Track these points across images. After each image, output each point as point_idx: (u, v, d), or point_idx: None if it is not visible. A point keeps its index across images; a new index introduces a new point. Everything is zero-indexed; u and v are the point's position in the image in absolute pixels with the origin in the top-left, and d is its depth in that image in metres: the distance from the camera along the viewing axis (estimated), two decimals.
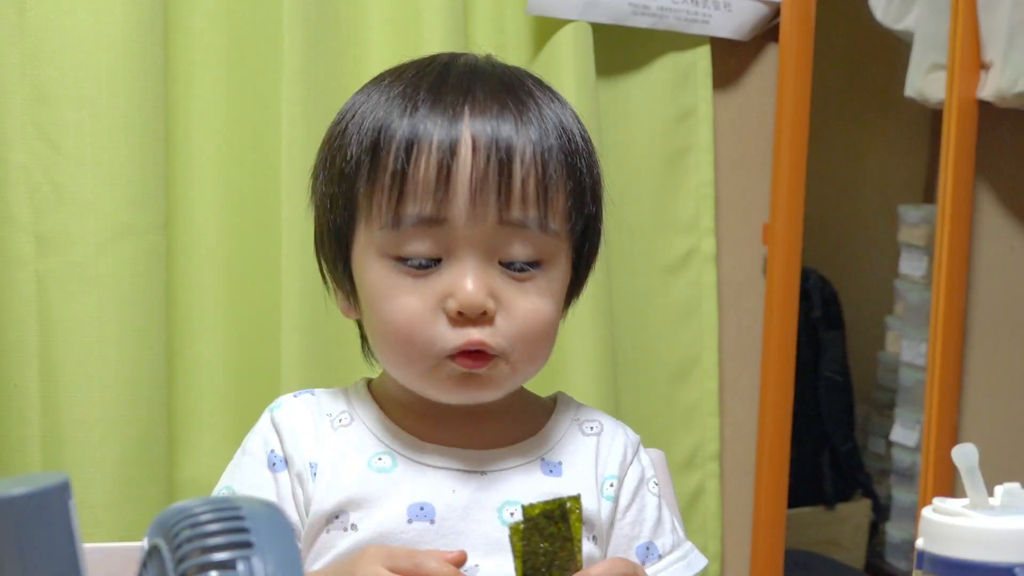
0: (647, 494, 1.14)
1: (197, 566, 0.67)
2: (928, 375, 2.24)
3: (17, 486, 0.69)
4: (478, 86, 1.07)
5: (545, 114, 1.08)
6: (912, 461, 2.79)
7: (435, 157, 1.03)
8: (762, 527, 2.23)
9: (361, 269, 1.08)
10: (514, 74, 1.12)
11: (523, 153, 1.05)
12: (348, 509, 1.07)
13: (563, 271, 1.10)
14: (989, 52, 2.16)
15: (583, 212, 1.10)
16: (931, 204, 2.76)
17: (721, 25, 2.15)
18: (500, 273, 1.05)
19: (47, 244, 1.75)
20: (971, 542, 0.85)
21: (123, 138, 1.76)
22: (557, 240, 1.08)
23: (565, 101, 1.13)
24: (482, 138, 1.04)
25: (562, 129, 1.08)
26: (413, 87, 1.07)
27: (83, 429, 1.75)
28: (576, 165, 1.09)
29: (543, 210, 1.05)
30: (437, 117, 1.04)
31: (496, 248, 1.05)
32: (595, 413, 1.18)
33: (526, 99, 1.08)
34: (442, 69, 1.09)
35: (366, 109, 1.08)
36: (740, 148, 2.23)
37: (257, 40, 1.87)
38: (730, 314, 2.24)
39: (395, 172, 1.04)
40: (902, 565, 2.88)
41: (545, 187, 1.05)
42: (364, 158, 1.05)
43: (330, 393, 1.15)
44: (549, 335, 1.09)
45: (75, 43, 1.74)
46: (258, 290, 1.87)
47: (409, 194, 1.03)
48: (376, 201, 1.05)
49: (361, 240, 1.07)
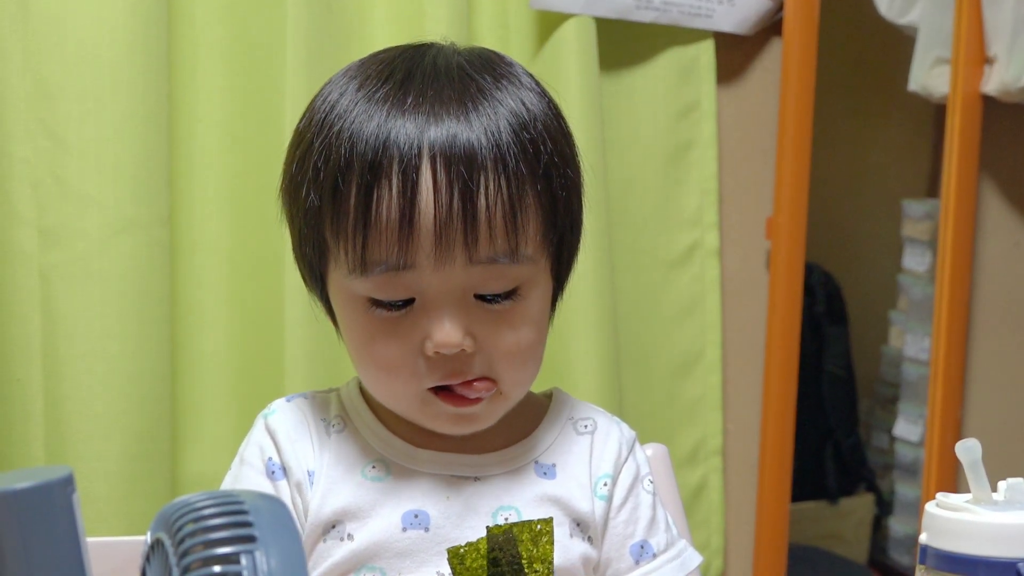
0: (641, 492, 1.14)
1: (200, 560, 0.67)
2: (932, 370, 2.24)
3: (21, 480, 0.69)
4: (437, 107, 1.01)
5: (501, 116, 1.02)
6: (915, 456, 2.79)
7: (396, 201, 0.99)
8: (765, 522, 2.23)
9: (337, 305, 1.07)
10: (473, 73, 1.05)
11: (487, 181, 1.00)
12: (344, 519, 1.06)
13: (543, 288, 1.07)
14: (993, 46, 2.16)
15: (557, 226, 1.06)
16: (935, 199, 2.76)
17: (724, 19, 2.15)
18: (477, 307, 1.02)
19: (50, 238, 1.75)
20: (974, 537, 0.85)
21: (126, 132, 1.76)
22: (532, 264, 1.04)
23: (527, 83, 1.07)
24: (443, 173, 0.99)
25: (523, 126, 1.03)
26: (370, 108, 1.02)
27: (86, 423, 1.76)
28: (547, 173, 1.03)
29: (513, 241, 1.01)
30: (395, 150, 1.00)
31: (469, 285, 1.02)
32: (590, 410, 1.17)
33: (482, 101, 1.02)
34: (401, 85, 1.03)
35: (324, 131, 1.03)
36: (744, 143, 2.23)
37: (260, 33, 1.87)
38: (733, 309, 2.23)
39: (356, 220, 1.00)
40: (905, 560, 2.88)
41: (514, 216, 1.01)
42: (326, 203, 1.02)
43: (322, 395, 1.14)
44: (533, 357, 1.07)
45: (78, 37, 1.74)
46: (262, 284, 1.87)
47: (372, 241, 1.00)
48: (342, 246, 1.02)
49: (334, 277, 1.05)
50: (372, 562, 1.05)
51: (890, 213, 2.93)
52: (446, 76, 1.04)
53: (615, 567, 1.11)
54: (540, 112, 1.05)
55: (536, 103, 1.05)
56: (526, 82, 1.07)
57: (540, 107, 1.06)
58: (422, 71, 1.05)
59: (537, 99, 1.06)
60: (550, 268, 1.07)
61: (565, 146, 1.07)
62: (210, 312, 1.87)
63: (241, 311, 1.89)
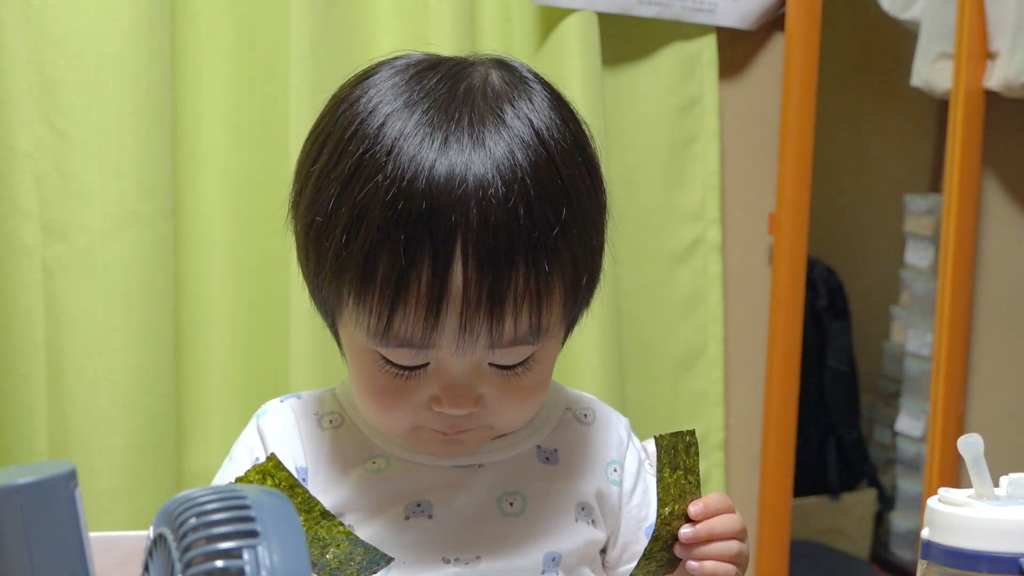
0: (647, 475, 1.15)
1: (203, 555, 0.67)
2: (934, 365, 2.24)
3: (24, 475, 0.69)
4: (471, 205, 0.95)
5: (544, 179, 0.98)
6: (917, 451, 2.78)
7: (424, 292, 0.95)
8: (767, 517, 2.23)
9: (347, 345, 1.05)
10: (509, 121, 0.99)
11: (515, 273, 0.96)
12: (344, 512, 1.06)
13: (556, 344, 1.07)
14: (996, 41, 2.15)
15: (578, 299, 1.04)
16: (937, 194, 2.76)
17: (727, 14, 2.15)
18: (491, 373, 1.02)
19: (53, 232, 1.75)
20: (976, 532, 0.85)
21: (130, 125, 1.76)
22: (551, 337, 1.03)
23: (550, 110, 1.03)
24: (472, 268, 0.95)
25: (555, 180, 0.99)
26: (401, 177, 0.95)
27: (89, 418, 1.76)
28: (575, 259, 1.01)
29: (536, 323, 0.99)
30: (426, 236, 0.94)
31: (486, 358, 1.01)
32: (585, 400, 1.18)
33: (514, 174, 0.97)
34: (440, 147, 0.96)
35: (363, 167, 0.97)
36: (746, 138, 2.23)
37: (265, 26, 1.87)
38: (736, 304, 2.23)
39: (383, 297, 0.97)
40: (907, 555, 2.88)
41: (539, 300, 0.98)
42: (355, 273, 0.97)
43: (318, 394, 1.14)
44: (536, 407, 1.08)
45: (81, 30, 1.74)
46: (266, 278, 1.87)
47: (398, 318, 0.97)
48: (363, 310, 0.98)
49: (347, 321, 1.02)
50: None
51: (892, 208, 2.93)
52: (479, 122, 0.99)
53: (632, 550, 1.13)
54: (570, 154, 1.03)
55: (572, 166, 1.03)
56: (542, 114, 1.02)
57: (576, 174, 1.04)
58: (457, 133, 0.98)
59: (574, 165, 1.04)
60: (566, 326, 1.08)
61: (596, 214, 1.08)
62: (214, 306, 1.87)
63: (245, 305, 1.89)
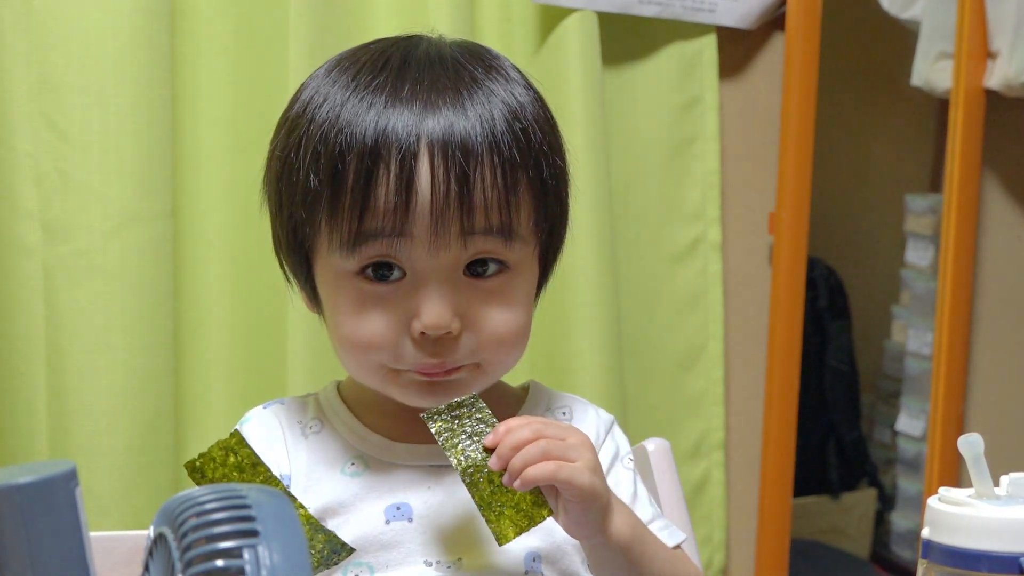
0: (621, 469, 1.15)
1: (203, 555, 0.67)
2: (934, 364, 2.24)
3: (24, 474, 0.69)
4: (434, 96, 1.03)
5: (495, 105, 1.04)
6: (918, 450, 2.79)
7: (394, 185, 1.00)
8: (767, 516, 2.23)
9: (324, 285, 1.07)
10: (465, 63, 1.07)
11: (482, 169, 1.02)
12: (326, 516, 1.06)
13: (531, 272, 1.08)
14: (996, 41, 2.16)
15: (548, 214, 1.07)
16: (937, 193, 2.76)
17: (727, 14, 2.15)
18: (467, 284, 1.04)
19: (54, 232, 1.75)
20: (977, 531, 0.85)
21: (129, 126, 1.76)
22: (524, 245, 1.06)
23: (514, 76, 1.09)
24: (440, 162, 1.01)
25: (515, 116, 1.05)
26: (367, 96, 1.04)
27: (90, 418, 1.76)
28: (538, 161, 1.06)
29: (507, 218, 1.03)
30: (394, 138, 1.01)
31: (461, 259, 1.03)
32: (566, 398, 1.18)
33: (476, 91, 1.05)
34: (398, 74, 1.05)
35: (321, 117, 1.05)
36: (746, 137, 2.23)
37: (264, 26, 1.87)
38: (736, 303, 2.24)
39: (354, 199, 1.01)
40: (907, 554, 2.88)
41: (507, 199, 1.03)
42: (325, 185, 1.03)
43: (300, 400, 1.15)
44: (520, 341, 1.08)
45: (81, 30, 1.74)
46: (265, 277, 1.87)
47: (369, 216, 1.01)
48: (337, 223, 1.03)
49: (322, 254, 1.06)
50: (358, 557, 1.05)
51: (893, 207, 2.93)
52: (440, 66, 1.06)
53: None
54: (529, 103, 1.08)
55: (524, 94, 1.08)
56: (514, 75, 1.09)
57: (528, 98, 1.08)
58: (416, 61, 1.07)
59: (524, 91, 1.08)
60: (538, 256, 1.09)
61: (552, 136, 1.09)
62: (213, 306, 1.88)
63: (244, 305, 1.89)
